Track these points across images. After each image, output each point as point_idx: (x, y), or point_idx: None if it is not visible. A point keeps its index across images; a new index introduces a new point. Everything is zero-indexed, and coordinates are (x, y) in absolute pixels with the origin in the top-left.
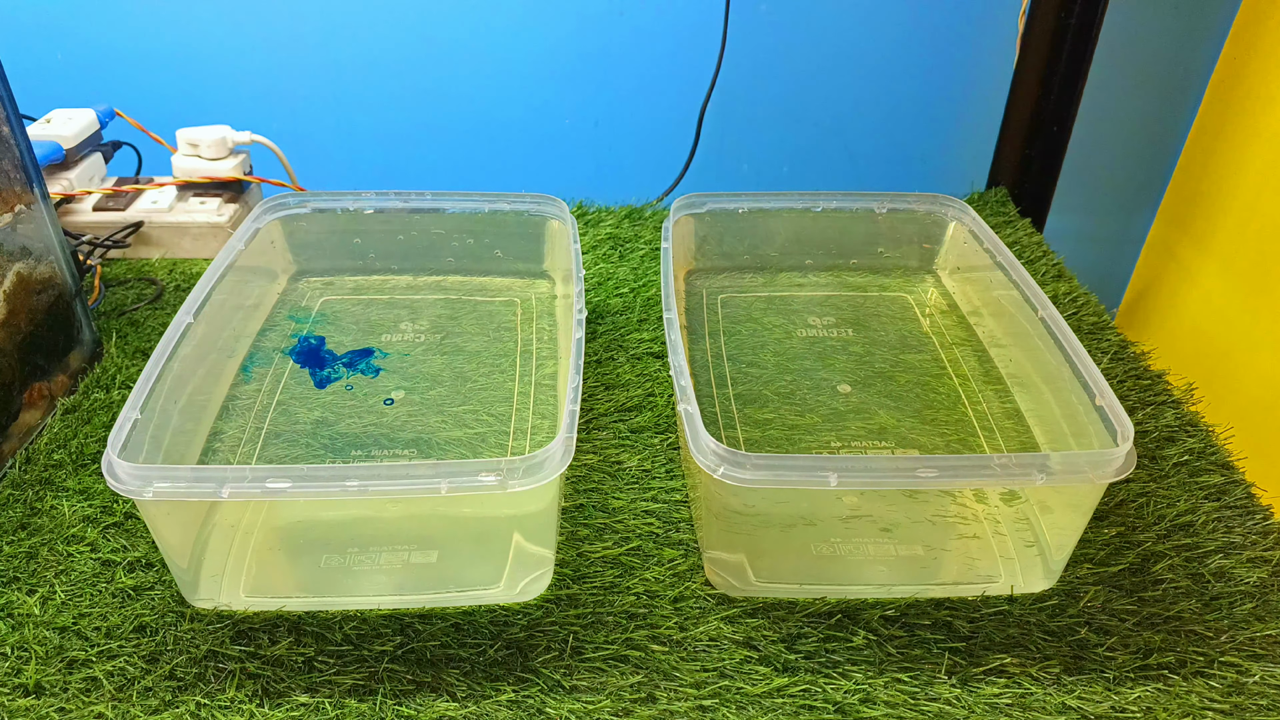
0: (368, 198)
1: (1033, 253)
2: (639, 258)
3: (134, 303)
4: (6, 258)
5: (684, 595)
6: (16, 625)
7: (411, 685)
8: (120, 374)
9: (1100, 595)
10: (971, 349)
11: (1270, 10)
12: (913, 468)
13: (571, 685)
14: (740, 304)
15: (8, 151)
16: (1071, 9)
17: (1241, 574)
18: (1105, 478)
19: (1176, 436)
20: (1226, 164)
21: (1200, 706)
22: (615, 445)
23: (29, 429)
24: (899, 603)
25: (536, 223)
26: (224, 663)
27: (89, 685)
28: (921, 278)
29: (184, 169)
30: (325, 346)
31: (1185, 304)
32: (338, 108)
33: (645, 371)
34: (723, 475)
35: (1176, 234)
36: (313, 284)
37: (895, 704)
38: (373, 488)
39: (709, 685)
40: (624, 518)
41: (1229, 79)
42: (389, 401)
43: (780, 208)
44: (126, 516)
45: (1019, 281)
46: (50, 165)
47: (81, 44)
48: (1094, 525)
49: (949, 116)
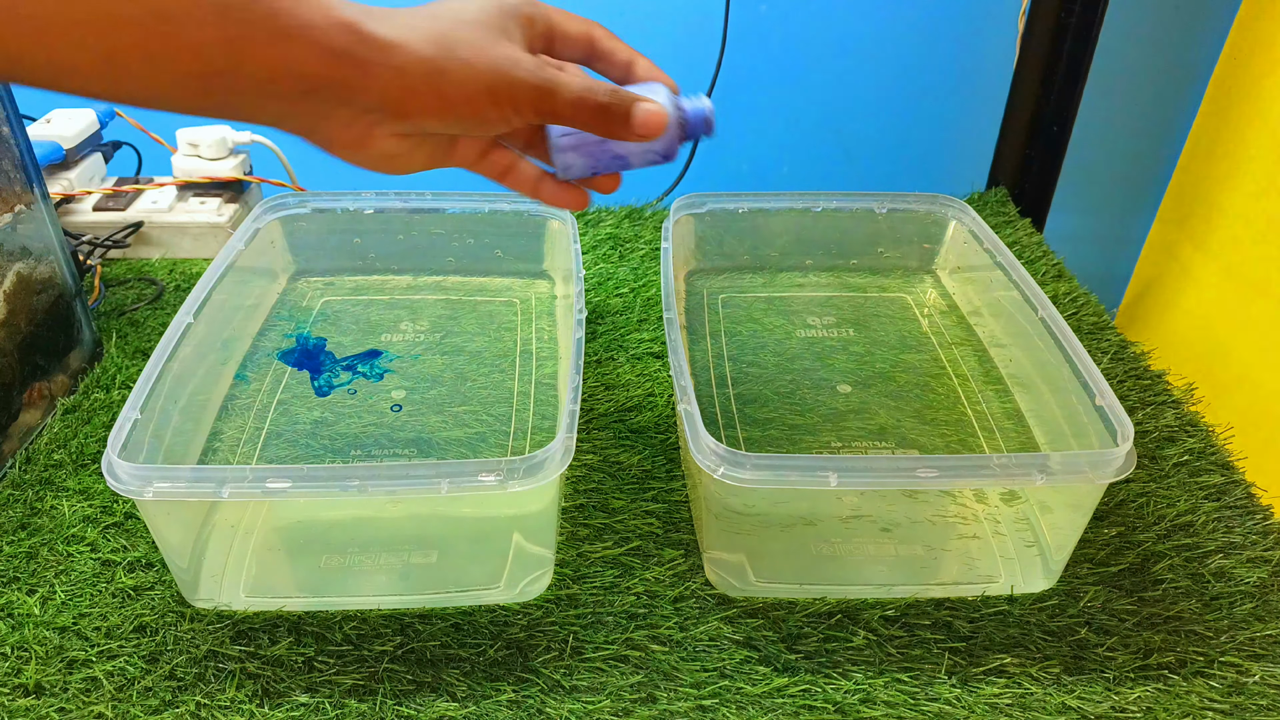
0: (368, 198)
1: (1033, 253)
2: (639, 258)
3: (134, 303)
4: (6, 258)
5: (684, 595)
6: (16, 625)
7: (411, 685)
8: (120, 374)
9: (1100, 595)
10: (971, 349)
11: (1270, 10)
12: (913, 468)
13: (571, 685)
14: (740, 304)
15: (8, 151)
16: (1071, 9)
17: (1241, 574)
18: (1105, 478)
19: (1176, 436)
20: (1226, 164)
21: (1200, 706)
22: (615, 445)
23: (29, 429)
24: (899, 603)
25: (536, 223)
26: (224, 663)
27: (89, 685)
28: (921, 278)
29: (184, 169)
30: (326, 349)
31: (1185, 304)
32: None
33: (645, 371)
34: (723, 475)
35: (1176, 234)
36: (313, 284)
37: (895, 704)
38: (373, 488)
39: (709, 685)
40: (624, 518)
41: (1229, 79)
42: (397, 408)
43: (780, 208)
44: (126, 516)
45: (1019, 281)
46: (50, 165)
47: None
48: (1094, 525)
49: (949, 116)
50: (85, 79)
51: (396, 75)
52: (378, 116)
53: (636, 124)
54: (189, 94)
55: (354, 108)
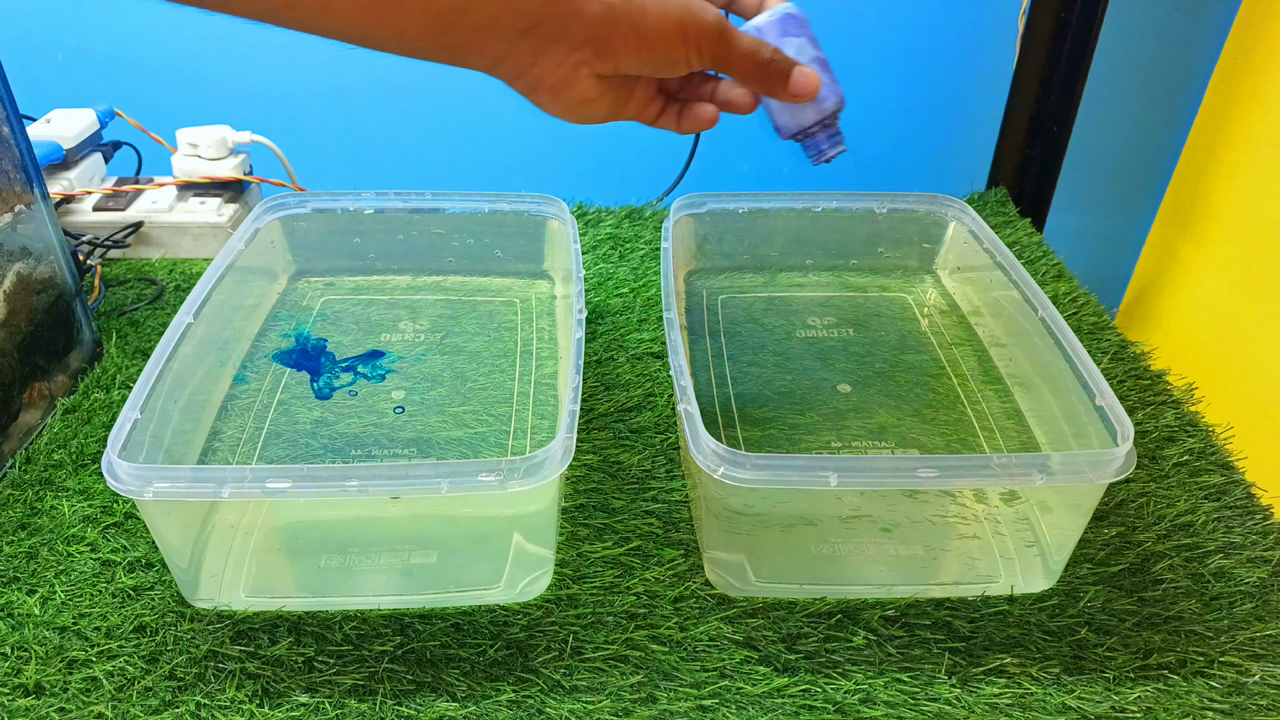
0: (368, 198)
1: (1033, 253)
2: (639, 258)
3: (134, 303)
4: (6, 258)
5: (684, 595)
6: (16, 625)
7: (411, 685)
8: (120, 374)
9: (1100, 595)
10: (971, 349)
11: (1270, 10)
12: (913, 468)
13: (571, 685)
14: (740, 304)
15: (8, 151)
16: (1071, 9)
17: (1241, 574)
18: (1105, 478)
19: (1176, 436)
20: (1226, 164)
21: (1200, 706)
22: (615, 445)
23: (29, 429)
24: (899, 603)
25: (536, 223)
26: (224, 663)
27: (89, 685)
28: (921, 278)
29: (184, 169)
30: (327, 349)
31: (1185, 304)
32: (338, 108)
33: (645, 371)
34: (723, 475)
35: (1176, 234)
36: (313, 284)
37: (895, 704)
38: (373, 488)
39: (709, 685)
40: (624, 518)
41: (1229, 79)
42: (399, 410)
43: (780, 208)
44: (126, 516)
45: (1019, 281)
46: (50, 165)
47: (81, 44)
48: (1094, 525)
49: (949, 116)
50: (345, 19)
51: (605, 10)
52: (584, 54)
53: (793, 85)
54: (431, 32)
55: (565, 44)
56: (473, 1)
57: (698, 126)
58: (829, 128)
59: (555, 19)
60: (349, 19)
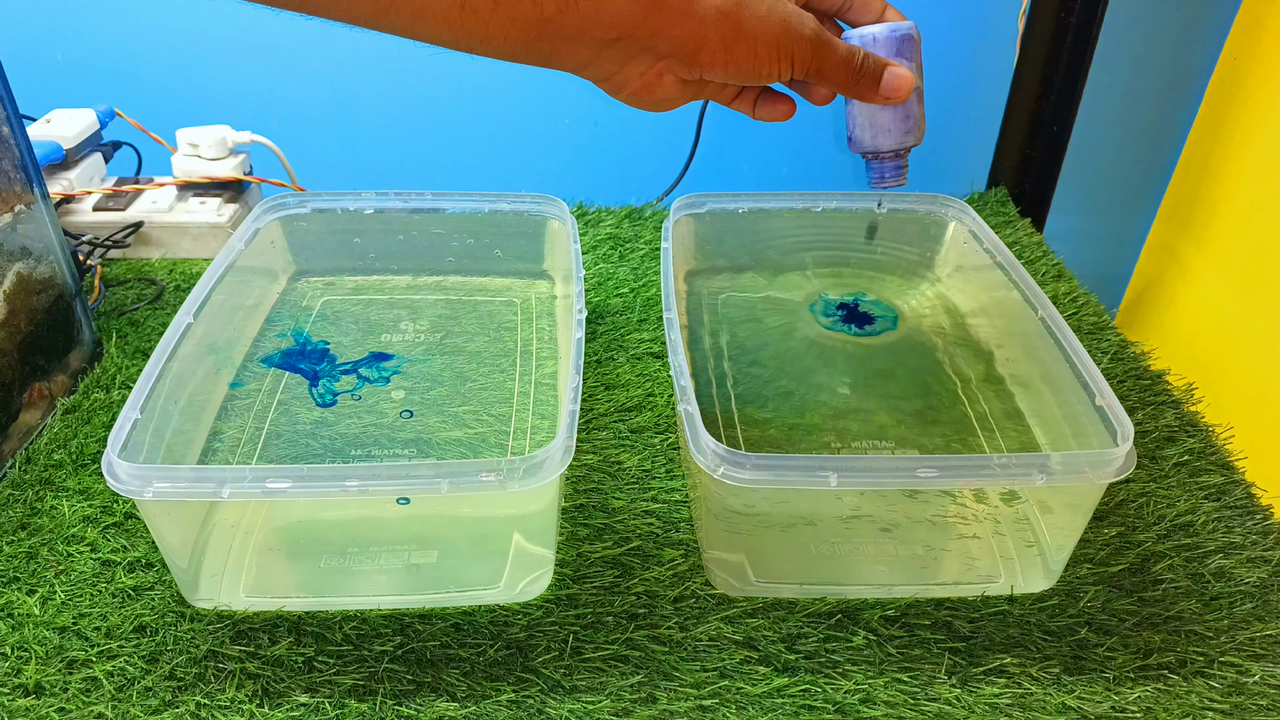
0: (368, 198)
1: (1033, 253)
2: (639, 258)
3: (134, 303)
4: (6, 258)
5: (684, 595)
6: (16, 625)
7: (411, 685)
8: (120, 374)
9: (1100, 595)
10: (971, 349)
11: (1270, 10)
12: (913, 468)
13: (571, 685)
14: (740, 304)
15: (8, 151)
16: (1071, 9)
17: (1241, 574)
18: (1105, 478)
19: (1176, 436)
20: (1226, 164)
21: (1200, 706)
22: (615, 445)
23: (29, 429)
24: (899, 603)
25: (536, 223)
26: (224, 663)
27: (89, 685)
28: (921, 277)
29: (184, 169)
30: (329, 352)
31: (1185, 304)
32: (338, 108)
33: (645, 371)
34: (723, 475)
35: (1176, 234)
36: (313, 284)
37: (895, 704)
38: (373, 488)
39: (709, 685)
40: (624, 518)
41: (1229, 79)
42: (407, 414)
43: (780, 208)
44: (126, 516)
45: (1019, 282)
46: (50, 165)
47: (81, 44)
48: (1094, 525)
49: (949, 116)
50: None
51: (697, 25)
52: (670, 63)
53: (884, 87)
54: (523, 39)
55: (651, 55)
56: (561, 12)
57: (773, 118)
58: (900, 158)
59: (644, 32)
60: (441, 27)
